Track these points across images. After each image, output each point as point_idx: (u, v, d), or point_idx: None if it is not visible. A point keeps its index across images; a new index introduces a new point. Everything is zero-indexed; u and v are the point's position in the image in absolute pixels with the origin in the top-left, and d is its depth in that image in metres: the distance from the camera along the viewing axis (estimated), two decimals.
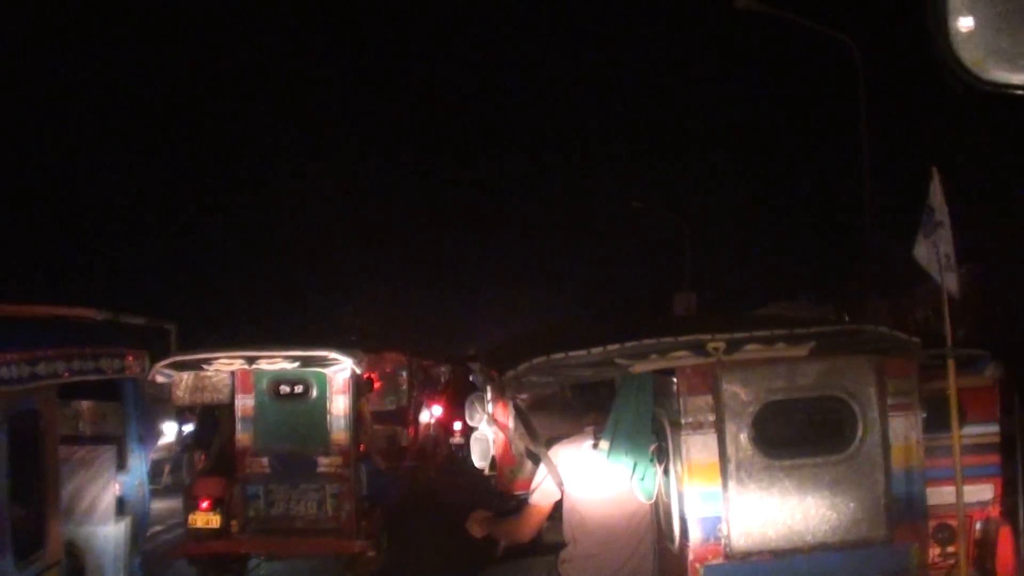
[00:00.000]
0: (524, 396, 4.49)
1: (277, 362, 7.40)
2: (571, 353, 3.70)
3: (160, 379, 7.10)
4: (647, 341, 3.66)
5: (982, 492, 5.25)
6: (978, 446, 5.24)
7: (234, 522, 7.25)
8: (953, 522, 4.30)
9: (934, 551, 4.40)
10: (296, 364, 7.47)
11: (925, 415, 4.00)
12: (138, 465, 5.68)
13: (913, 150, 12.88)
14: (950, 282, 3.90)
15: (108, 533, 4.83)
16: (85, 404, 5.18)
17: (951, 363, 3.84)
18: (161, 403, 8.57)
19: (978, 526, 5.32)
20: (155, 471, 8.80)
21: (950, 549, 4.60)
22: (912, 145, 13.32)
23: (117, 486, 5.18)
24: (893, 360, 3.87)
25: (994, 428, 5.34)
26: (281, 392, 7.82)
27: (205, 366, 7.39)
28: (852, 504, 3.87)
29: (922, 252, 3.82)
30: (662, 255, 24.88)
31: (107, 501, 4.92)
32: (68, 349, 4.31)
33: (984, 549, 5.31)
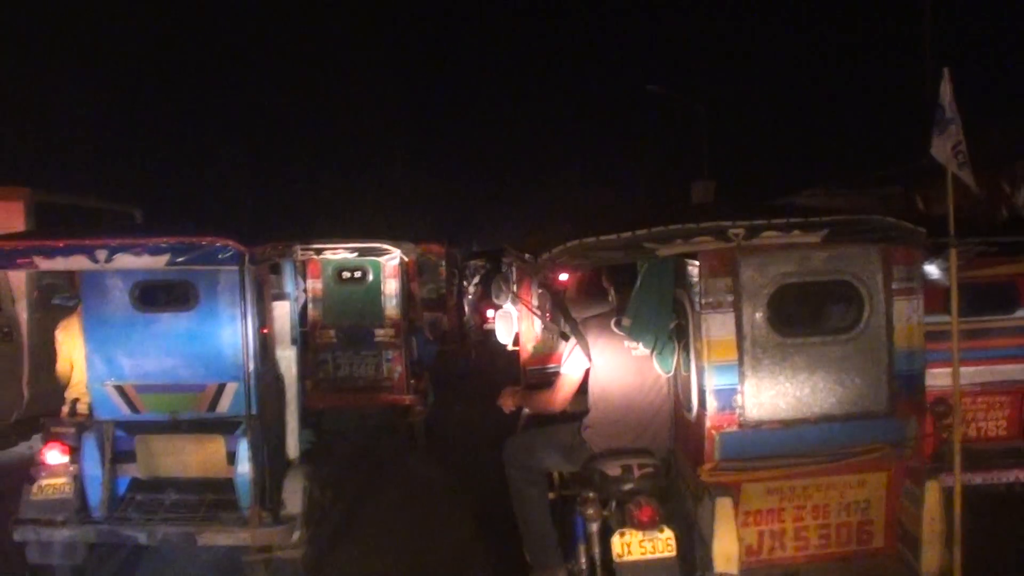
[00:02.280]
0: (557, 277, 4.84)
1: (340, 252, 8.83)
2: (602, 237, 4.01)
3: None
4: (673, 227, 3.96)
5: None
6: None
7: (308, 382, 8.24)
8: (950, 399, 4.64)
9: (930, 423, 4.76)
10: (355, 254, 8.98)
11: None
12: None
13: None
14: (966, 176, 4.17)
15: (290, 355, 6.10)
16: (273, 276, 6.25)
17: (953, 252, 4.13)
18: None
19: None
20: None
21: (946, 422, 4.97)
22: None
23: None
24: (899, 248, 4.18)
25: None
26: (343, 277, 9.45)
27: None
28: (857, 379, 4.22)
29: (938, 148, 4.08)
30: (682, 143, 24.48)
31: (287, 334, 6.13)
32: (273, 243, 5.67)
33: None
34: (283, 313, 6.11)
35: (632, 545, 4.14)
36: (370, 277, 9.45)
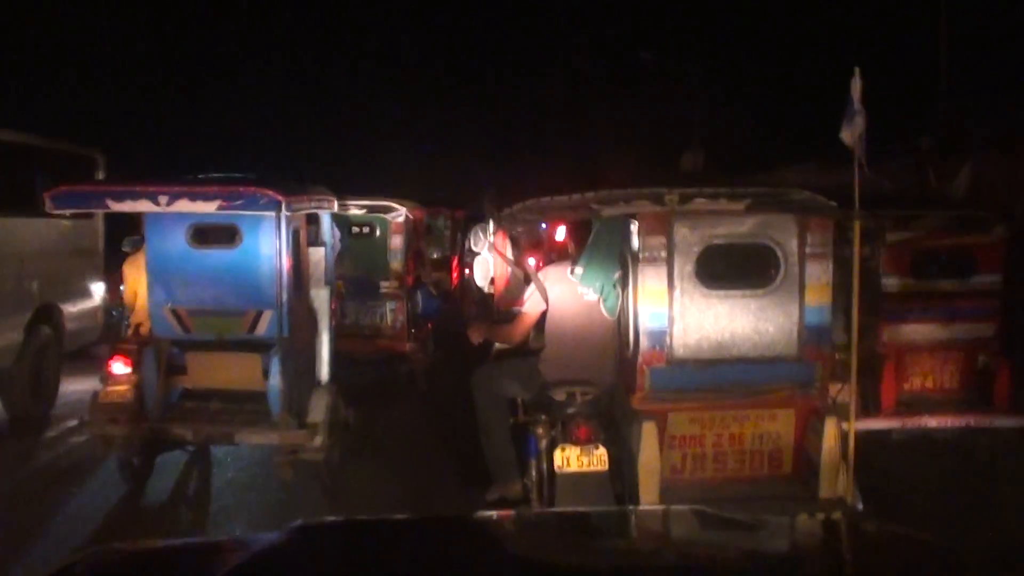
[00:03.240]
0: (520, 230, 5.59)
1: (350, 209, 9.45)
2: (555, 197, 4.73)
3: None
4: (615, 191, 4.67)
5: (984, 330, 6.92)
6: (982, 292, 6.89)
7: None
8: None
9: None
10: (364, 211, 9.77)
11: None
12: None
13: None
14: (862, 158, 4.81)
15: (324, 294, 6.91)
16: (311, 226, 7.10)
17: (857, 226, 4.77)
18: None
19: (980, 359, 6.90)
20: None
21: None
22: None
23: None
24: (814, 218, 4.85)
25: (997, 278, 6.90)
26: (353, 232, 10.12)
27: None
28: (771, 328, 4.93)
29: (847, 134, 4.72)
30: (675, 112, 23.74)
31: (322, 276, 7.05)
32: (309, 194, 6.67)
33: (985, 379, 6.81)
34: (319, 258, 7.04)
35: (571, 459, 4.91)
36: (377, 232, 10.24)
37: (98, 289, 9.85)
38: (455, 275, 15.94)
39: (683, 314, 4.90)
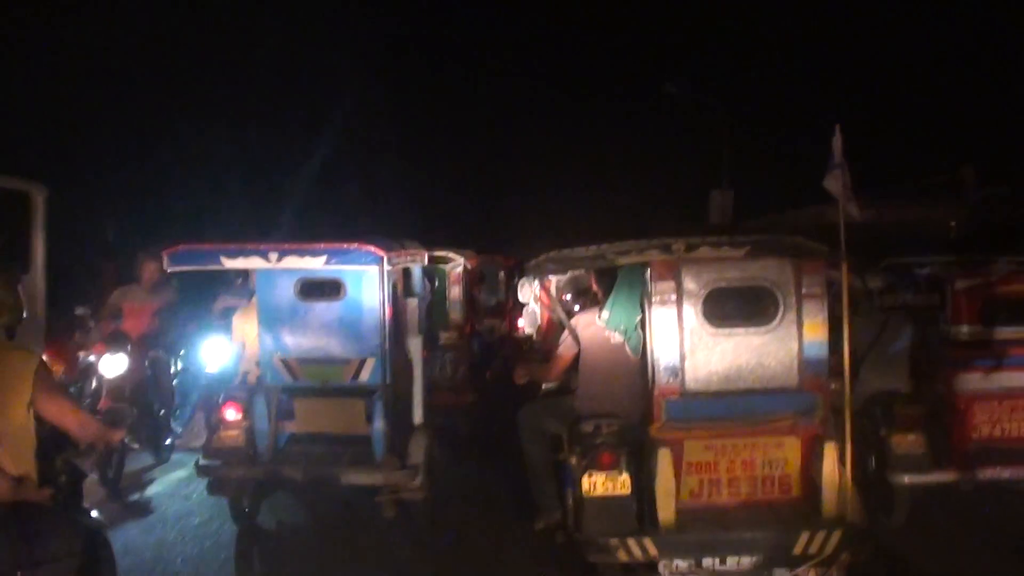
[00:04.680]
0: (550, 279, 6.25)
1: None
2: (575, 249, 5.36)
3: None
4: (628, 242, 5.29)
5: None
6: None
7: None
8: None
9: None
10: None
11: None
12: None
13: None
14: (852, 208, 5.39)
15: (417, 342, 7.28)
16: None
17: (844, 266, 5.34)
18: None
19: None
20: None
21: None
22: None
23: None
24: (808, 261, 5.43)
25: None
26: None
27: None
28: (773, 362, 5.47)
29: (831, 184, 5.32)
30: (701, 149, 23.37)
31: (416, 325, 7.54)
32: (406, 249, 7.04)
33: None
34: (413, 308, 7.54)
35: (596, 483, 5.43)
36: (436, 284, 10.26)
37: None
38: (507, 321, 15.78)
39: (693, 351, 5.46)
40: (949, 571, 5.90)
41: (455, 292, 10.24)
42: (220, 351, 9.00)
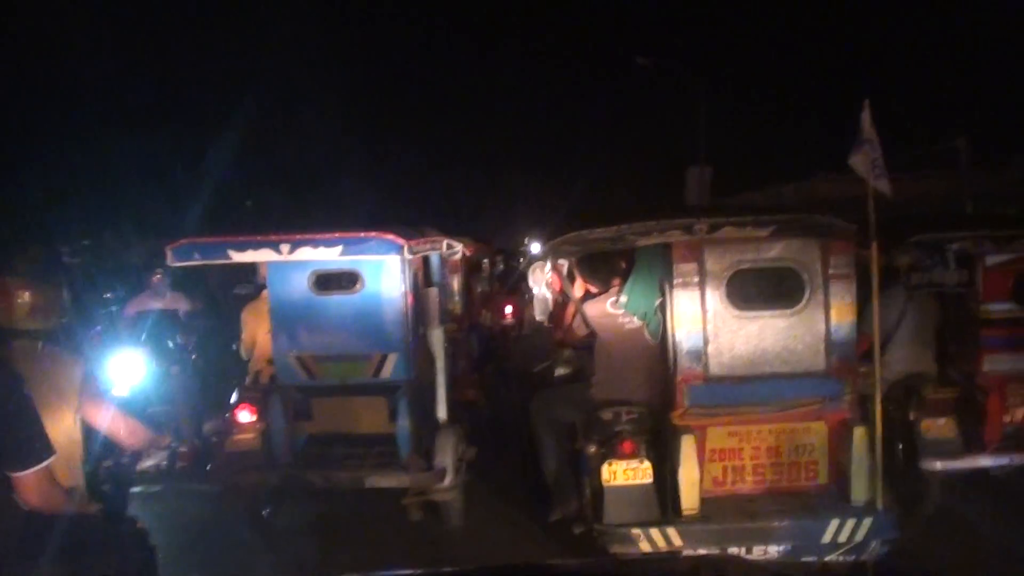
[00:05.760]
0: (564, 261, 6.06)
1: None
2: (594, 230, 5.17)
3: None
4: (649, 222, 5.10)
5: None
6: None
7: None
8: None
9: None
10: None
11: None
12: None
13: None
14: (882, 185, 5.18)
15: (438, 333, 6.80)
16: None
17: (874, 245, 5.14)
18: None
19: None
20: None
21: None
22: None
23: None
24: (836, 241, 5.24)
25: None
26: None
27: None
28: (799, 346, 5.30)
29: (857, 161, 5.11)
30: (675, 126, 22.95)
31: (437, 314, 7.09)
32: (425, 238, 6.72)
33: None
34: (434, 297, 7.14)
35: (617, 472, 5.28)
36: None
37: None
38: (504, 313, 14.94)
39: (716, 334, 5.29)
40: (981, 561, 5.71)
41: (454, 282, 9.63)
42: (133, 369, 7.90)
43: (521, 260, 16.97)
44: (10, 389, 3.02)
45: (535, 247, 20.38)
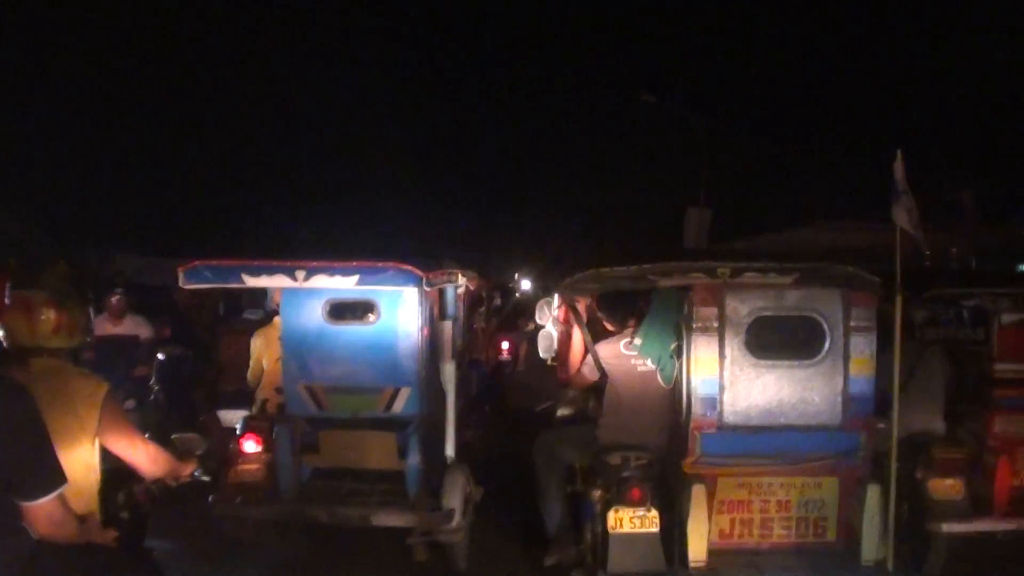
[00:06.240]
0: (579, 299, 5.89)
1: None
2: (615, 267, 5.02)
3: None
4: (672, 263, 4.97)
5: None
6: None
7: None
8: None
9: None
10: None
11: None
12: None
13: None
14: (919, 237, 5.10)
15: (450, 368, 6.48)
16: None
17: (899, 298, 5.05)
18: None
19: None
20: None
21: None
22: None
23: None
24: (858, 292, 5.12)
25: None
26: None
27: None
28: (816, 398, 5.17)
29: (899, 214, 5.03)
30: (677, 166, 21.97)
31: (449, 349, 6.65)
32: (443, 270, 6.32)
33: None
34: (448, 331, 6.80)
35: (623, 520, 5.09)
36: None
37: None
38: (501, 348, 14.57)
39: (733, 382, 5.14)
40: None
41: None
42: None
43: (518, 295, 16.84)
44: (22, 415, 2.80)
45: (525, 284, 20.31)
